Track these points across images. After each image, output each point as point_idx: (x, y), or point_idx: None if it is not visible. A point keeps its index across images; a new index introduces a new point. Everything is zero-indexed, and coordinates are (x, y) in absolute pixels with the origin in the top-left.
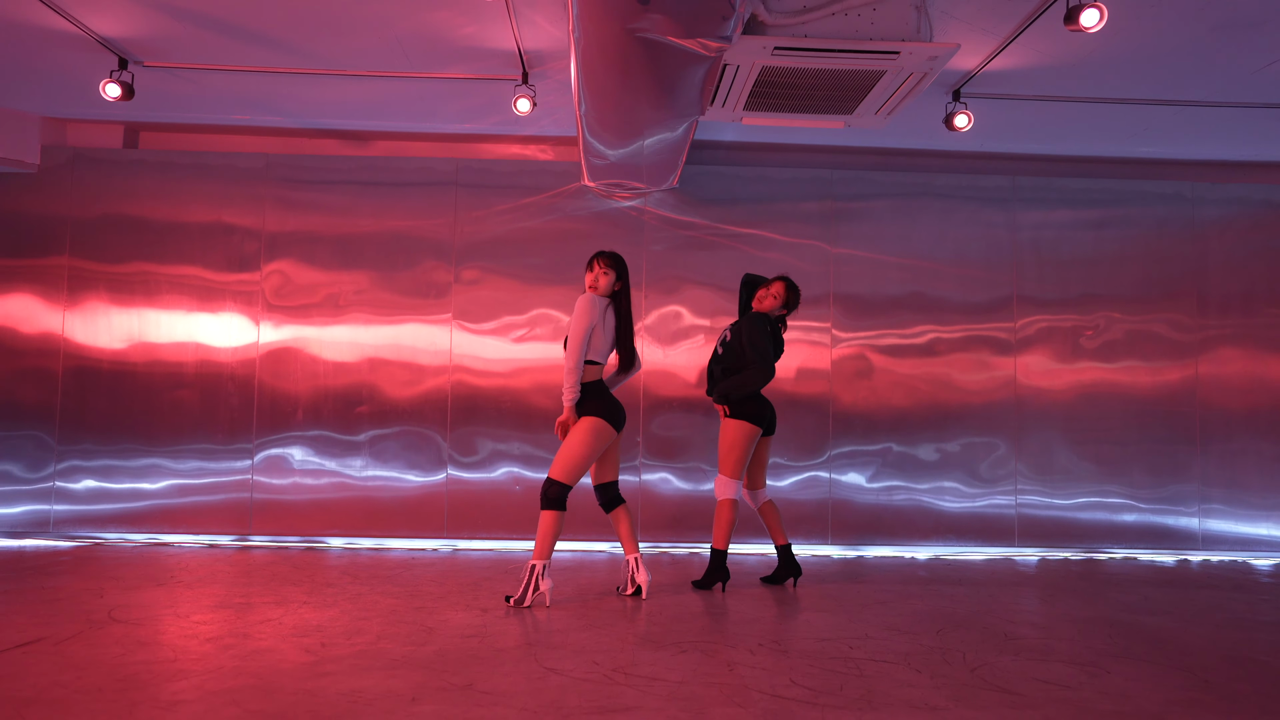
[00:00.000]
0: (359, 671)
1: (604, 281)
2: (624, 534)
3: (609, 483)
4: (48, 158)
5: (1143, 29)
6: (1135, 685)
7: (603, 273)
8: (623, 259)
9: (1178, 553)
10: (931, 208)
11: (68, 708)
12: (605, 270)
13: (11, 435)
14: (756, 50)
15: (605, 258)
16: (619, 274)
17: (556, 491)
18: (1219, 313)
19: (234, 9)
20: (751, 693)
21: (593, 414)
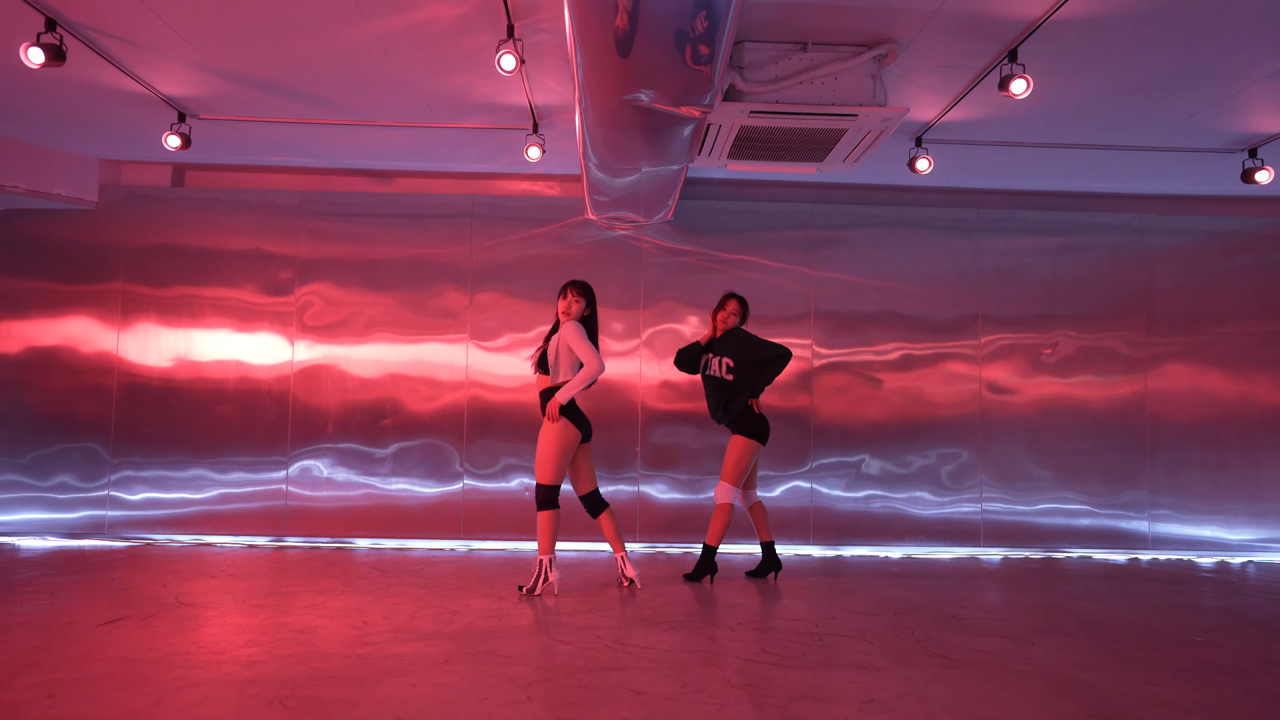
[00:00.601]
0: (398, 642)
1: (576, 308)
2: (610, 535)
3: (590, 492)
4: (104, 195)
5: (1071, 91)
6: (1051, 653)
7: (575, 300)
8: (591, 287)
9: (1129, 553)
10: (903, 237)
11: (167, 664)
12: (576, 298)
13: (72, 447)
14: (735, 113)
15: (576, 286)
16: (588, 301)
17: (545, 493)
18: (1166, 331)
19: (283, 73)
20: (728, 658)
21: (567, 418)
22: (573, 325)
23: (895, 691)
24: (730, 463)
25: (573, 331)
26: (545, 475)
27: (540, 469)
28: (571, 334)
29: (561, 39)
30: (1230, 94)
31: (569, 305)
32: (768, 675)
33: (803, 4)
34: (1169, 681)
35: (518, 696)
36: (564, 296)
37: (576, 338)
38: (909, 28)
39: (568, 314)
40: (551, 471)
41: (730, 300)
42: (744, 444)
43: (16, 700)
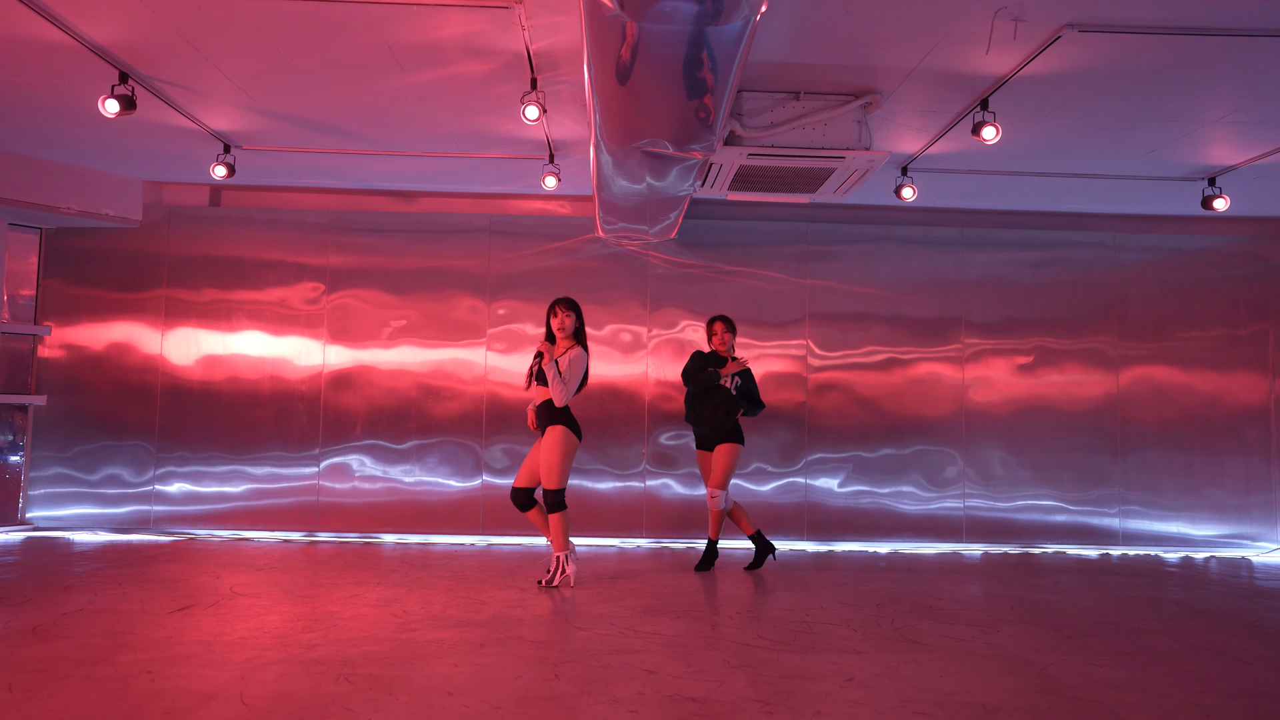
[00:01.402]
0: (437, 628)
1: (569, 323)
2: (543, 525)
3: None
4: (148, 215)
5: (1038, 133)
6: (1013, 639)
7: (566, 316)
8: (578, 303)
9: (1101, 548)
10: (892, 251)
11: (240, 646)
12: (568, 314)
13: (119, 445)
14: (735, 155)
15: (564, 303)
16: (577, 315)
17: (556, 497)
18: (1137, 339)
19: (323, 114)
20: (727, 642)
21: (566, 426)
22: (579, 357)
23: (872, 672)
24: (727, 469)
25: (575, 362)
26: (553, 481)
27: (548, 476)
28: (573, 365)
29: (578, 88)
30: (1187, 134)
31: (562, 322)
32: (761, 657)
33: (796, 62)
34: (1110, 664)
35: (547, 675)
36: (555, 314)
37: (572, 371)
38: (890, 81)
39: (563, 330)
40: (559, 477)
41: (716, 323)
42: (736, 450)
43: (122, 675)
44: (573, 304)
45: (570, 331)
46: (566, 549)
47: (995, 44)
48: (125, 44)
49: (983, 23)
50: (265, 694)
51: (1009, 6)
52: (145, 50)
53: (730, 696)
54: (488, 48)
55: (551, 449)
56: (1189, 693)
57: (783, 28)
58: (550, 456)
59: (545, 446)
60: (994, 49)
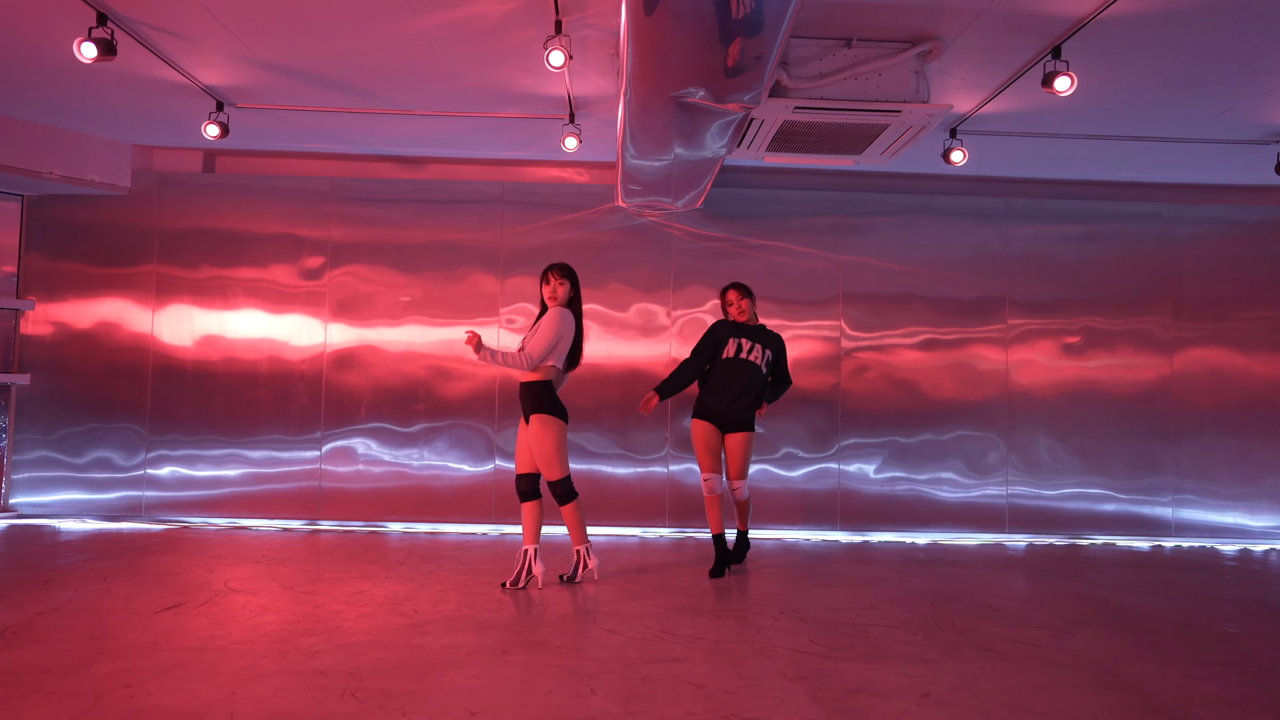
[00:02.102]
0: (453, 631)
1: (561, 291)
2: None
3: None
4: (137, 181)
5: (1108, 86)
6: (1093, 645)
7: (559, 283)
8: (574, 270)
9: (1153, 539)
10: (931, 224)
11: (233, 654)
12: (561, 281)
13: (108, 427)
14: (780, 109)
15: (558, 270)
16: (572, 284)
17: (563, 487)
18: (1192, 318)
19: (325, 65)
20: (776, 649)
21: (548, 412)
22: (554, 315)
23: (948, 685)
24: (747, 460)
25: (550, 320)
26: (554, 471)
27: (547, 467)
28: (547, 322)
29: (606, 34)
30: (1266, 90)
31: (554, 290)
32: (819, 667)
33: (849, 2)
34: (1212, 676)
35: (581, 689)
36: (547, 282)
37: (547, 328)
38: (954, 25)
39: (554, 298)
40: (559, 465)
41: (729, 291)
42: (752, 439)
43: (97, 689)
44: (568, 270)
45: (562, 301)
46: (585, 541)
47: None
48: None
49: None
50: (259, 713)
51: None
52: None
53: (795, 717)
54: None
55: (541, 439)
56: None
57: None
58: (543, 448)
59: (534, 438)
60: None
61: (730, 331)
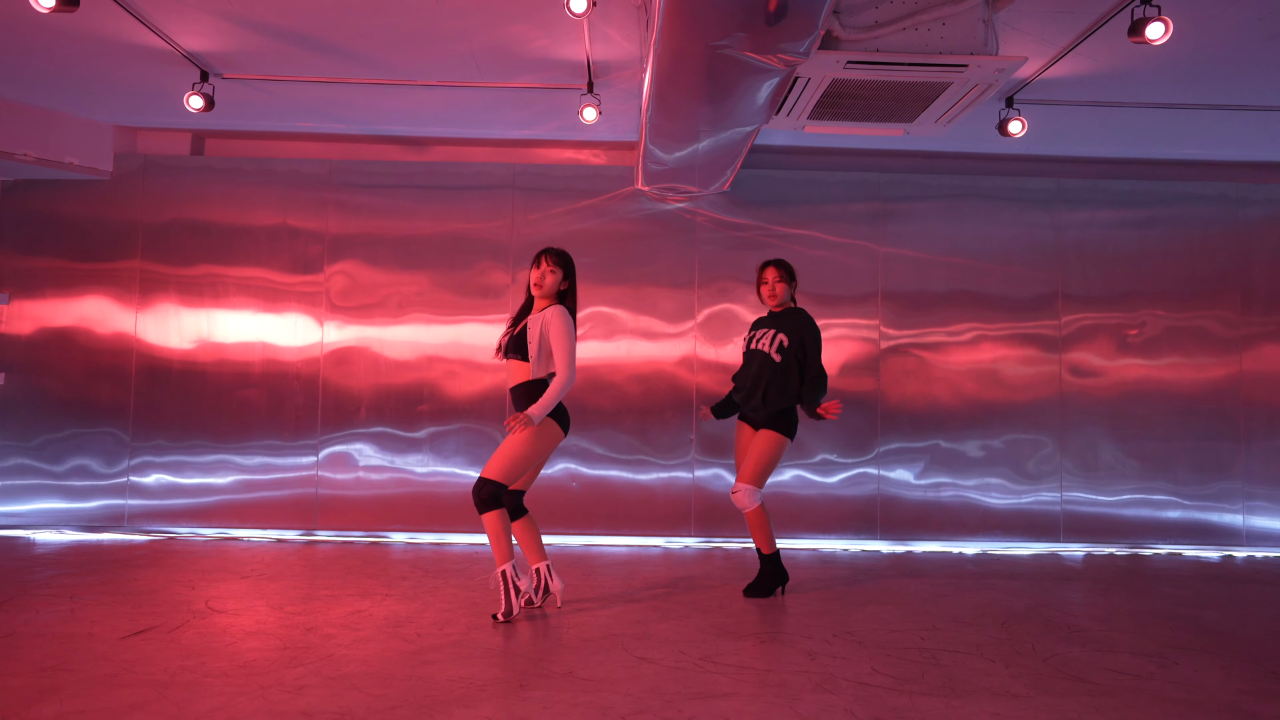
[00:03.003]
0: (460, 660)
1: (550, 280)
2: (531, 543)
3: (519, 491)
4: (120, 165)
5: (1199, 37)
6: (1205, 676)
7: (550, 270)
8: (570, 258)
9: (1222, 549)
10: (977, 209)
11: (204, 690)
12: (553, 268)
13: (89, 432)
14: (830, 64)
15: (552, 255)
16: (566, 272)
17: (491, 490)
18: (1263, 310)
19: (316, 24)
20: (838, 680)
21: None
22: (560, 317)
23: None
24: (764, 462)
25: (558, 326)
26: (499, 472)
27: (497, 464)
28: (556, 328)
29: None
30: None
31: (542, 276)
32: (892, 704)
33: None
34: None
35: None
36: (537, 266)
37: (560, 334)
38: None
39: (540, 287)
40: (509, 471)
41: (767, 269)
42: (778, 441)
43: None
44: (563, 259)
45: (549, 291)
46: (511, 559)
47: None
48: None
49: None
50: None
51: None
52: None
53: None
54: None
55: (521, 438)
56: None
57: None
58: (515, 445)
59: (515, 432)
60: None
61: (754, 326)
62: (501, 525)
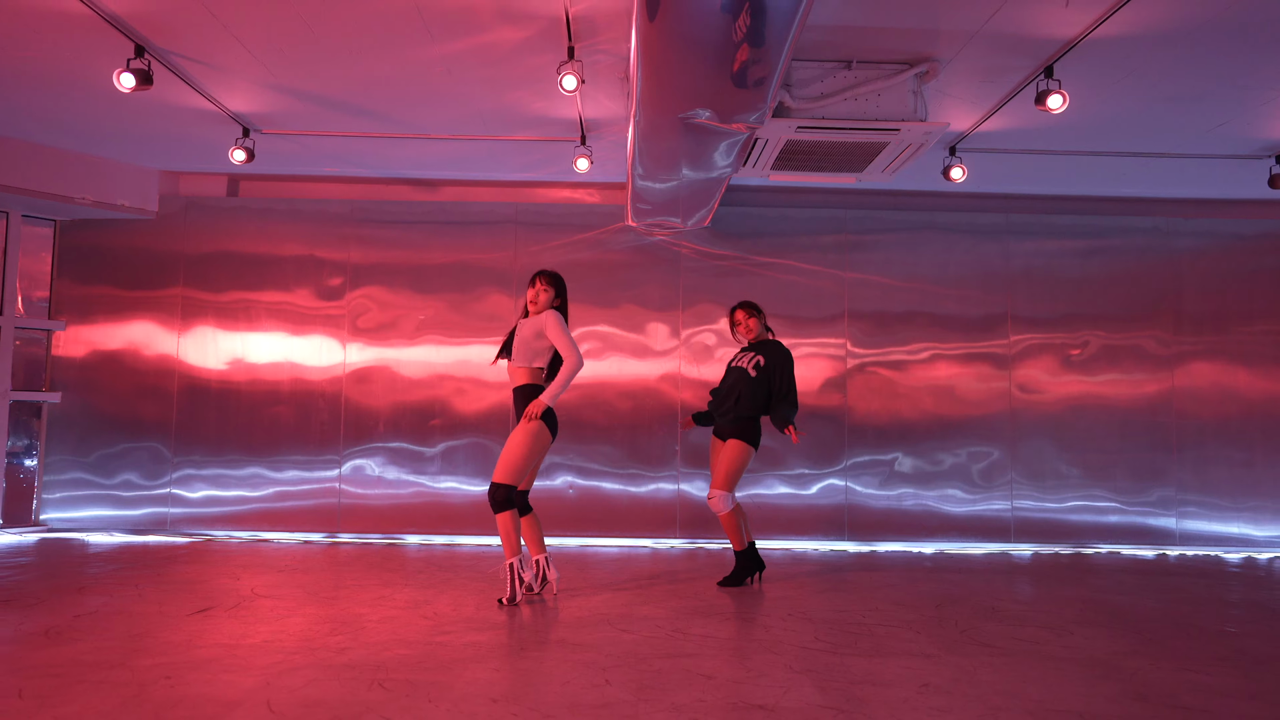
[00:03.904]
0: (472, 631)
1: (544, 297)
2: (534, 538)
3: (524, 491)
4: (164, 205)
5: (1103, 104)
6: (1091, 643)
7: (543, 289)
8: (561, 278)
9: (1157, 549)
10: (934, 240)
11: (266, 650)
12: (545, 287)
13: (136, 446)
14: (783, 128)
15: (545, 275)
16: (558, 291)
17: (504, 494)
18: (1193, 331)
19: (345, 90)
20: (784, 645)
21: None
22: (553, 314)
23: (948, 677)
24: (733, 469)
25: (554, 322)
26: (507, 475)
27: (503, 468)
28: (552, 324)
29: (617, 59)
30: (1260, 104)
31: (537, 294)
32: (825, 661)
33: (849, 26)
34: (1207, 669)
35: (596, 680)
36: (532, 285)
37: (557, 329)
38: (950, 47)
39: (535, 304)
40: (515, 472)
41: (736, 311)
42: (743, 449)
43: (140, 680)
44: (555, 278)
45: (543, 308)
46: (518, 554)
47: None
48: (142, 13)
49: None
50: (294, 700)
51: None
52: (163, 20)
53: (799, 704)
54: (524, 11)
55: (520, 438)
56: None
57: None
58: (515, 448)
59: (513, 436)
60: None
61: (732, 362)
62: (513, 523)
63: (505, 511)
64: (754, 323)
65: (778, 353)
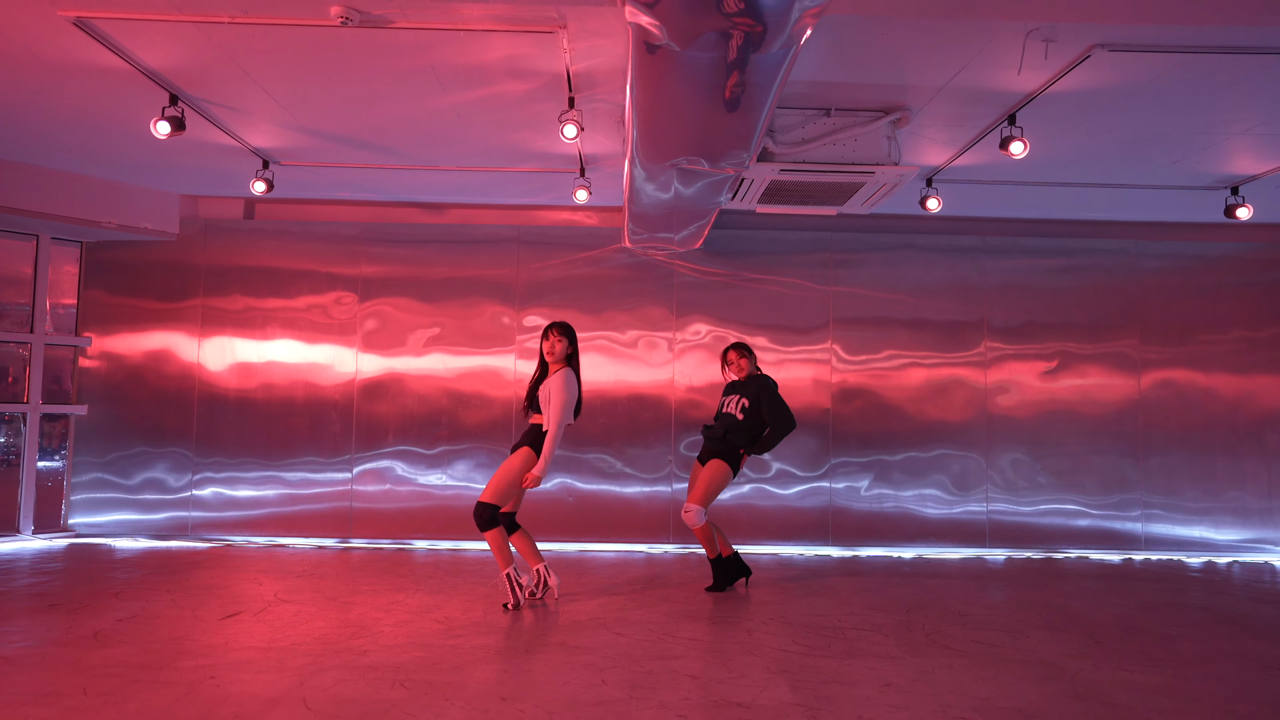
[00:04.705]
0: (482, 634)
1: (559, 348)
2: (529, 550)
3: (511, 512)
4: (184, 228)
5: (1064, 146)
6: (1044, 645)
7: (557, 340)
8: (572, 327)
9: (1124, 553)
10: (914, 259)
11: (294, 652)
12: (559, 338)
13: (159, 452)
14: (766, 170)
15: (558, 328)
16: (570, 340)
17: (491, 513)
18: (1159, 343)
19: (359, 130)
20: (764, 648)
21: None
22: (560, 383)
23: (908, 677)
24: (711, 486)
25: (558, 393)
26: (494, 496)
27: (492, 490)
28: (556, 395)
29: (614, 105)
30: (1210, 145)
31: (552, 346)
32: (800, 663)
33: (828, 80)
34: (1141, 670)
35: (594, 680)
36: (546, 339)
37: (557, 403)
38: (920, 98)
39: (552, 354)
40: (502, 495)
41: (729, 352)
42: (724, 470)
43: (188, 680)
44: (566, 329)
45: (559, 357)
46: (512, 564)
47: (1026, 64)
48: (176, 68)
49: (1014, 44)
50: (327, 699)
51: (1040, 29)
52: (195, 73)
53: (774, 702)
54: (529, 69)
55: (516, 466)
56: (1222, 699)
57: (817, 47)
58: (507, 474)
59: (509, 462)
60: (1025, 69)
61: (726, 391)
62: (501, 539)
63: (491, 529)
64: (745, 363)
65: (761, 386)
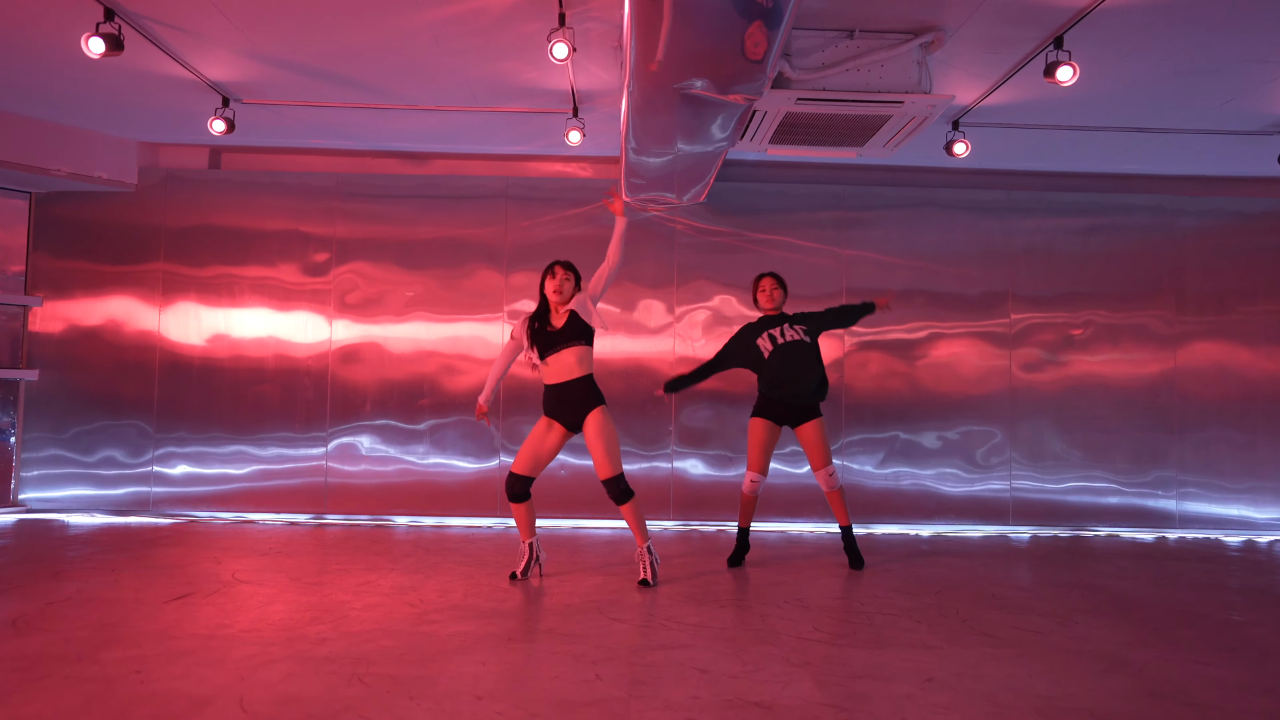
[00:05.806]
0: (459, 620)
1: (567, 287)
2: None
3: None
4: (144, 178)
5: (1113, 77)
6: (1097, 633)
7: (565, 278)
8: (575, 266)
9: (1156, 531)
10: (934, 217)
11: (241, 641)
12: (568, 275)
13: (116, 424)
14: (782, 100)
15: (564, 265)
16: (577, 280)
17: (623, 485)
18: (1195, 311)
19: (330, 59)
20: (781, 636)
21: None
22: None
23: (951, 671)
24: (827, 445)
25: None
26: (617, 466)
27: (611, 460)
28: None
29: (609, 26)
30: (1270, 78)
31: (560, 285)
32: (823, 654)
33: None
34: (1216, 662)
35: (587, 674)
36: (553, 276)
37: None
38: (957, 16)
39: (560, 293)
40: (620, 461)
41: (765, 278)
42: (824, 424)
43: (108, 675)
44: (571, 266)
45: (567, 297)
46: (649, 538)
47: None
48: None
49: None
50: (268, 697)
51: None
52: None
53: (797, 701)
54: None
55: (606, 431)
56: None
57: None
58: (608, 441)
59: (595, 431)
60: None
61: (756, 334)
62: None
63: (629, 501)
64: (779, 294)
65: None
